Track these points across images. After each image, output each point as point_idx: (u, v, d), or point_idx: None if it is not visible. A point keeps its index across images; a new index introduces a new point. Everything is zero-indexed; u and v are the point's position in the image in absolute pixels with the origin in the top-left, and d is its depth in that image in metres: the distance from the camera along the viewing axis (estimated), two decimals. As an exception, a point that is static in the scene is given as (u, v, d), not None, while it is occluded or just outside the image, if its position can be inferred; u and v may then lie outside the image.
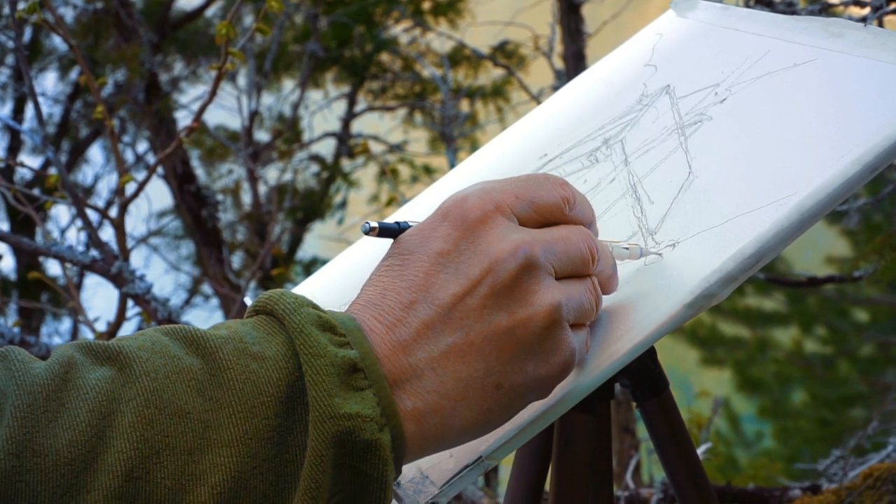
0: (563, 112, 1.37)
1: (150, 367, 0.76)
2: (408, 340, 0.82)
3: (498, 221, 0.86)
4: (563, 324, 0.86)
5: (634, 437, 4.72)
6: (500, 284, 0.84)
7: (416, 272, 0.85)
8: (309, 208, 8.86)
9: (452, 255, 0.85)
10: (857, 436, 3.25)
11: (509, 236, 0.85)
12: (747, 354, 10.59)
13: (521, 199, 0.89)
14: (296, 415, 0.77)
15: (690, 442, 1.18)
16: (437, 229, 0.87)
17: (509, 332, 0.83)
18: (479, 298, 0.83)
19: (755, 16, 1.29)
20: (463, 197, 0.88)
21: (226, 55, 2.01)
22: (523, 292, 0.84)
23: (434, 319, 0.83)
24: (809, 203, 0.94)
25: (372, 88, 9.64)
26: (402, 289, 0.84)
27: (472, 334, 0.83)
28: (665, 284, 0.96)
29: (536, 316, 0.84)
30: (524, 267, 0.84)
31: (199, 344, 0.78)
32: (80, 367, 0.75)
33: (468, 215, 0.86)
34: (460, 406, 0.82)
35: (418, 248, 0.86)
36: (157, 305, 2.13)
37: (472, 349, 0.83)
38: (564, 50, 4.90)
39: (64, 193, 2.21)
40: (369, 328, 0.82)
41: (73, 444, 0.71)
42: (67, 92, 9.49)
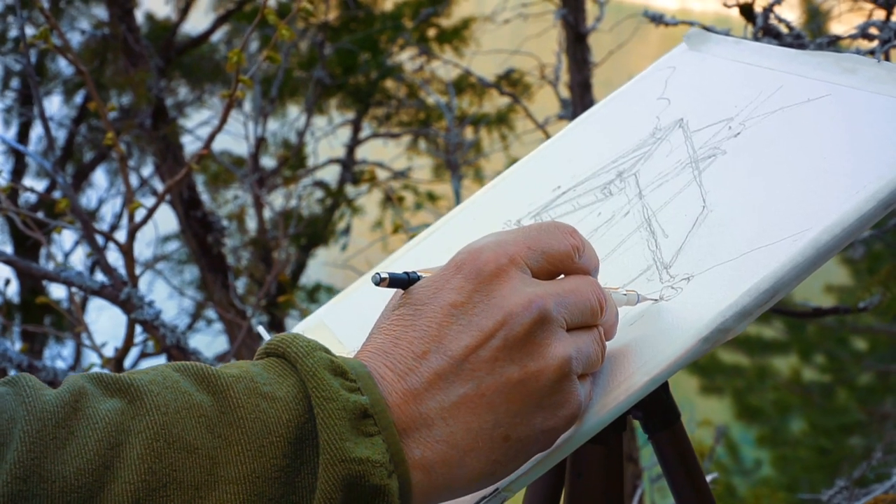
0: (576, 144, 1.38)
1: (161, 401, 0.76)
2: (419, 390, 0.82)
3: (512, 274, 0.87)
4: (572, 377, 0.87)
5: (637, 465, 4.71)
6: (513, 338, 0.84)
7: (430, 323, 0.85)
8: (313, 234, 8.87)
9: (466, 307, 0.85)
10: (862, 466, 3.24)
11: (523, 290, 0.86)
12: (746, 382, 10.58)
13: (534, 250, 0.90)
14: (304, 456, 0.77)
15: (702, 473, 1.18)
16: (450, 281, 0.87)
17: (520, 385, 0.84)
18: (492, 351, 0.84)
19: (768, 50, 1.29)
20: (477, 249, 0.89)
21: (237, 82, 2.01)
22: (535, 346, 0.85)
23: (446, 370, 0.83)
24: (825, 238, 0.94)
25: (377, 115, 9.65)
26: (414, 338, 0.85)
27: (483, 386, 0.83)
28: (680, 319, 0.97)
29: (548, 369, 0.85)
30: (537, 321, 0.85)
31: (210, 381, 0.79)
32: (91, 397, 0.76)
33: (483, 268, 0.87)
34: (468, 457, 0.83)
35: (431, 299, 0.87)
36: (166, 332, 2.14)
37: (483, 401, 0.83)
38: (571, 79, 4.91)
39: (73, 218, 2.21)
40: (380, 375, 0.83)
41: (80, 472, 0.71)
42: (72, 116, 9.50)
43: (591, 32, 4.85)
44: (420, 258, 1.33)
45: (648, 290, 1.04)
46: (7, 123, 9.75)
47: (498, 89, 6.77)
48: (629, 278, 1.08)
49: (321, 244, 9.25)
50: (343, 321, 1.31)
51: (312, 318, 1.35)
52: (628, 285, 1.06)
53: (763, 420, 10.46)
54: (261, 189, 7.07)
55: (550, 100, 5.58)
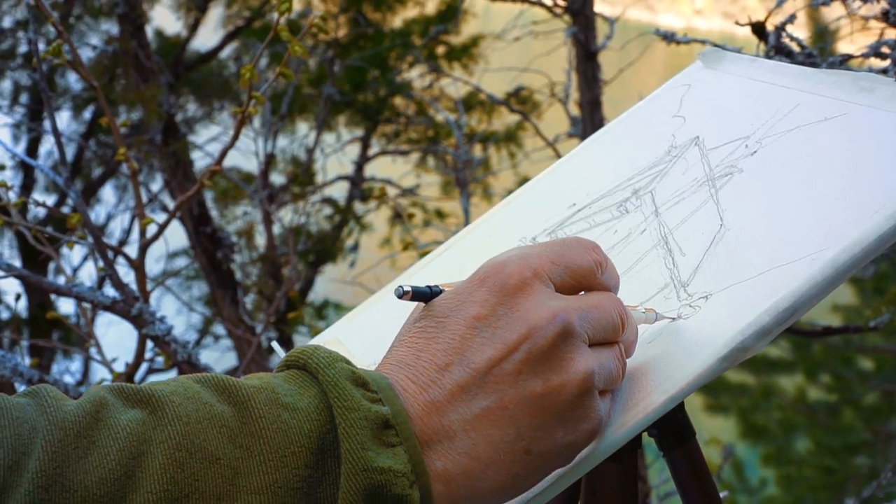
0: (592, 161, 1.38)
1: (182, 412, 0.76)
2: (441, 402, 0.83)
3: (536, 288, 0.87)
4: (594, 392, 0.87)
5: (646, 484, 4.70)
6: (536, 351, 0.84)
7: (452, 335, 0.85)
8: (321, 251, 8.87)
9: (490, 319, 0.85)
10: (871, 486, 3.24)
11: (547, 303, 0.86)
12: (752, 401, 10.55)
13: (557, 264, 0.90)
14: (326, 467, 0.77)
15: (716, 491, 1.18)
16: (474, 294, 0.88)
17: (543, 399, 0.84)
18: (515, 364, 0.84)
19: (783, 68, 1.29)
20: (502, 262, 0.89)
21: (249, 99, 2.01)
22: (559, 360, 0.85)
23: (469, 382, 0.83)
24: (844, 258, 0.94)
25: (385, 132, 9.66)
26: (437, 351, 0.85)
27: (505, 399, 0.83)
28: (699, 337, 0.96)
29: (570, 384, 0.85)
30: (561, 335, 0.85)
31: (231, 392, 0.79)
32: (112, 408, 0.76)
33: (507, 281, 0.87)
34: (490, 470, 0.83)
35: (454, 312, 0.87)
36: (177, 347, 2.13)
37: (506, 414, 0.83)
38: (580, 97, 4.91)
39: (84, 234, 2.21)
40: (402, 387, 0.83)
41: (102, 481, 0.71)
42: (80, 131, 9.52)
43: (602, 50, 4.85)
44: (435, 274, 1.33)
45: (666, 308, 1.04)
46: (16, 139, 9.76)
47: (507, 107, 6.77)
48: (646, 296, 1.07)
49: (329, 261, 9.24)
50: (357, 337, 1.31)
51: (326, 333, 1.35)
52: (646, 303, 1.06)
53: (768, 439, 10.44)
54: (270, 205, 7.08)
55: (560, 117, 5.58)
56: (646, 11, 23.16)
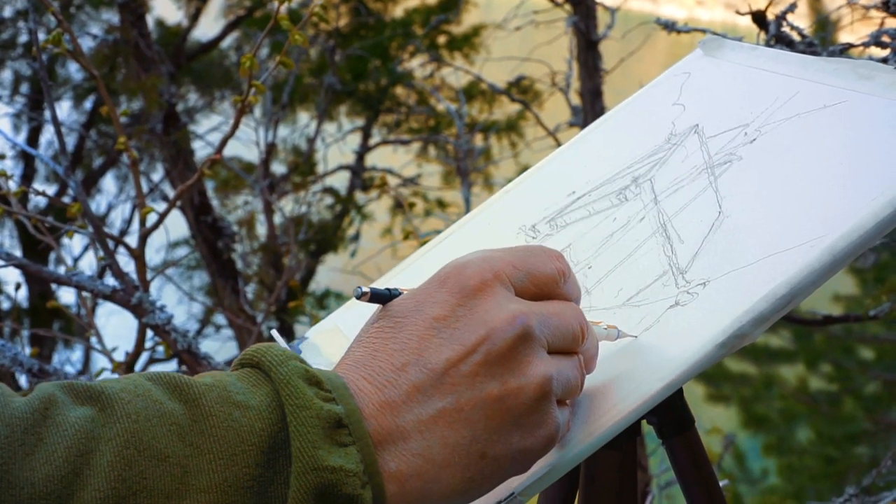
0: (591, 149, 1.37)
1: (132, 409, 0.75)
2: (396, 402, 0.82)
3: (496, 290, 0.87)
4: (551, 397, 0.86)
5: (646, 472, 4.70)
6: (494, 353, 0.84)
7: (410, 335, 0.85)
8: (322, 241, 8.87)
9: (448, 320, 0.85)
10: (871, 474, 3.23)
11: (507, 306, 0.86)
12: (753, 391, 10.56)
13: (519, 269, 0.89)
14: (277, 466, 0.77)
15: (716, 479, 1.18)
16: (433, 294, 0.87)
17: (499, 401, 0.83)
18: (473, 365, 0.83)
19: (783, 57, 1.29)
20: (462, 264, 0.88)
21: (249, 88, 2.01)
22: (517, 362, 0.84)
23: (425, 383, 0.82)
24: (842, 245, 0.94)
25: (387, 122, 9.66)
26: (394, 351, 0.84)
27: (462, 400, 0.82)
28: (697, 324, 0.96)
29: (528, 387, 0.84)
30: (520, 337, 0.85)
31: (182, 390, 0.78)
32: (61, 405, 0.75)
33: (467, 283, 0.86)
34: (444, 472, 0.82)
35: (413, 312, 0.86)
36: (177, 336, 2.13)
37: (462, 415, 0.82)
38: (581, 86, 4.91)
39: (84, 223, 2.21)
40: (357, 387, 0.82)
41: (49, 479, 0.70)
42: (81, 121, 9.53)
43: (603, 39, 4.85)
44: (434, 263, 1.32)
45: (664, 295, 1.04)
46: (17, 128, 9.77)
47: (508, 96, 6.77)
48: (645, 284, 1.07)
49: (331, 250, 9.25)
50: (357, 325, 1.30)
51: (326, 321, 1.34)
52: (644, 291, 1.06)
53: (769, 429, 10.45)
54: (271, 195, 7.08)
55: (561, 107, 5.58)
56: (647, 1, 23.11)
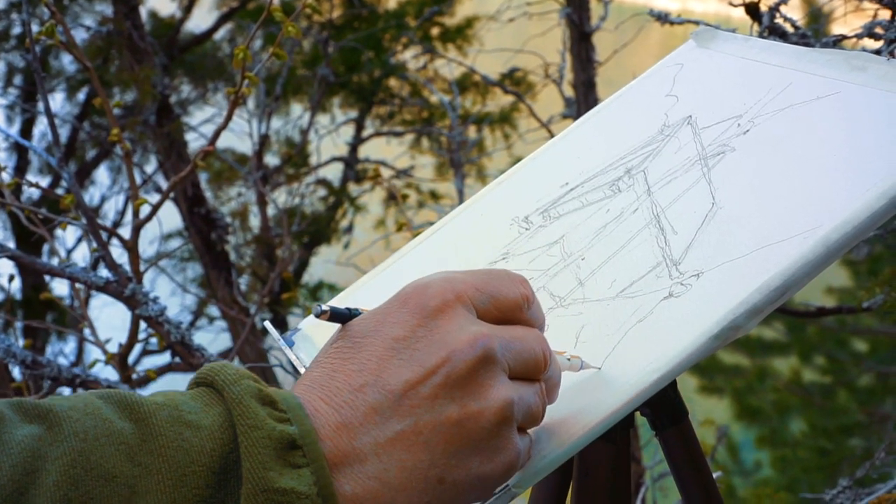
0: (584, 141, 1.37)
1: (80, 428, 0.74)
2: (354, 423, 0.80)
3: (457, 311, 0.85)
4: (512, 423, 0.84)
5: (640, 464, 4.71)
6: (455, 375, 0.82)
7: (369, 356, 0.83)
8: (316, 232, 8.86)
9: (409, 341, 0.83)
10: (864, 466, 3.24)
11: (468, 328, 0.84)
12: (746, 383, 10.56)
13: (482, 291, 0.88)
14: (228, 487, 0.75)
15: (709, 471, 1.19)
16: (393, 314, 0.85)
17: (459, 425, 0.82)
18: (432, 388, 0.81)
19: (777, 48, 1.29)
20: (424, 284, 0.87)
21: (242, 79, 2.01)
22: (477, 385, 0.83)
23: (383, 405, 0.81)
24: (835, 236, 0.95)
25: (380, 113, 9.65)
26: (352, 371, 0.83)
27: (420, 423, 0.81)
28: (690, 315, 0.97)
29: (488, 411, 0.82)
30: (481, 360, 0.83)
31: (132, 409, 0.76)
32: (8, 423, 0.74)
33: (428, 303, 0.85)
34: (400, 496, 0.80)
35: (373, 333, 0.85)
36: (170, 328, 2.13)
37: (420, 439, 0.81)
38: (575, 78, 4.91)
39: (78, 214, 2.21)
40: (314, 408, 0.80)
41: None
42: (74, 113, 9.51)
43: (596, 31, 4.85)
44: (427, 254, 1.33)
45: (658, 286, 1.04)
46: (10, 120, 9.76)
47: (502, 88, 6.76)
48: (638, 275, 1.08)
49: (324, 242, 9.24)
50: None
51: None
52: (637, 282, 1.06)
53: (763, 420, 10.45)
54: (264, 186, 7.07)
55: (554, 98, 5.57)
56: (640, -7, 23.07)
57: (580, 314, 1.08)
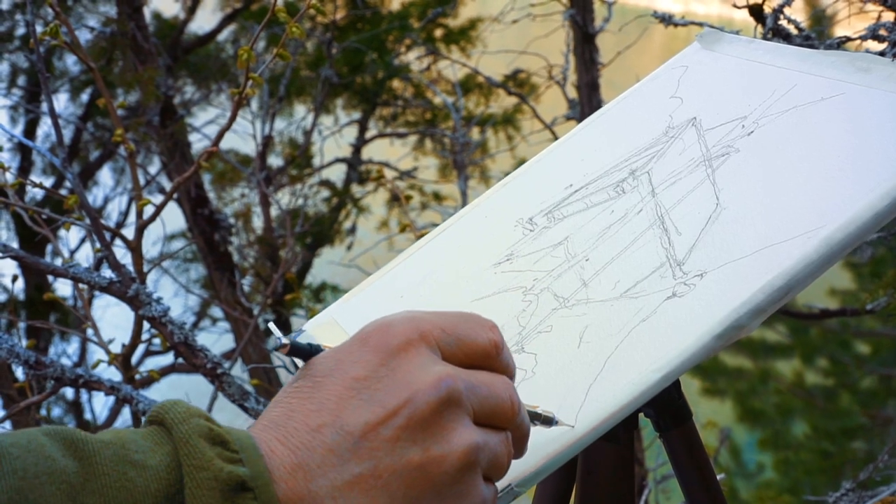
0: (589, 143, 1.37)
1: (20, 465, 0.70)
2: (310, 465, 0.76)
3: (421, 351, 0.82)
4: (476, 469, 0.81)
5: (642, 466, 4.71)
6: (417, 417, 0.78)
7: (328, 395, 0.80)
8: (319, 233, 8.86)
9: (369, 381, 0.80)
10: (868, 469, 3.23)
11: (432, 368, 0.81)
12: (749, 385, 10.56)
13: (449, 333, 0.84)
14: None
15: (713, 471, 1.19)
16: (354, 353, 0.82)
17: (420, 469, 0.78)
18: (393, 430, 0.78)
19: (781, 50, 1.29)
20: (387, 322, 0.84)
21: (246, 80, 2.01)
22: (440, 428, 0.79)
23: (341, 446, 0.77)
24: (839, 236, 0.95)
25: (383, 115, 9.65)
26: (310, 411, 0.79)
27: (380, 467, 0.77)
28: (694, 315, 0.97)
29: (452, 455, 0.79)
30: (445, 401, 0.79)
31: (77, 447, 0.73)
32: None
33: (391, 342, 0.81)
34: None
35: (332, 372, 0.81)
36: (174, 328, 2.13)
37: (379, 483, 0.77)
38: (578, 79, 4.91)
39: (81, 215, 2.21)
40: (269, 449, 0.77)
41: None
42: (78, 114, 9.51)
43: (600, 33, 4.85)
44: (432, 255, 1.33)
45: (661, 286, 1.04)
46: (14, 121, 9.76)
47: (505, 89, 6.77)
48: (642, 275, 1.08)
49: (327, 243, 9.24)
50: (353, 318, 1.30)
51: (323, 315, 1.34)
52: (641, 282, 1.06)
53: (765, 423, 10.44)
54: (268, 187, 7.07)
55: (558, 100, 5.58)
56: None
57: (584, 315, 1.08)
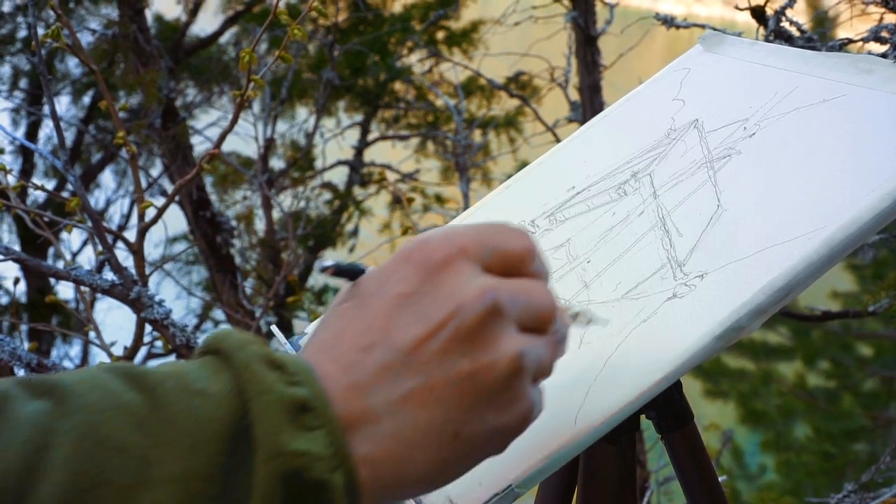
0: (591, 145, 1.38)
1: (88, 401, 0.72)
2: (364, 383, 0.78)
3: (462, 265, 0.83)
4: (524, 374, 0.82)
5: (644, 468, 4.71)
6: (464, 328, 0.80)
7: (376, 314, 0.81)
8: (321, 236, 8.86)
9: (415, 297, 0.81)
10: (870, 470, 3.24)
11: (474, 280, 0.82)
12: (751, 387, 10.56)
13: (485, 245, 0.86)
14: (241, 454, 0.73)
15: (714, 474, 1.19)
16: (397, 271, 0.83)
17: (471, 378, 0.79)
18: (442, 342, 0.79)
19: (783, 52, 1.30)
20: (425, 239, 0.85)
21: (248, 82, 2.01)
22: (487, 338, 0.80)
23: (393, 363, 0.79)
24: (839, 237, 0.95)
25: (385, 117, 9.66)
26: (359, 331, 0.81)
27: (432, 380, 0.79)
28: (694, 316, 0.97)
29: (500, 363, 0.80)
30: (490, 312, 0.80)
31: (139, 380, 0.75)
32: (14, 400, 0.72)
33: (431, 257, 0.83)
34: (417, 454, 0.78)
35: (378, 291, 0.83)
36: (176, 331, 2.13)
37: (432, 395, 0.78)
38: (580, 82, 4.92)
39: (83, 217, 2.21)
40: (323, 370, 0.78)
41: (4, 475, 0.67)
42: (80, 116, 9.52)
43: (602, 35, 4.86)
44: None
45: (662, 287, 1.04)
46: (15, 123, 9.77)
47: (507, 91, 6.77)
48: (643, 277, 1.08)
49: (329, 246, 9.23)
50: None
51: (325, 316, 1.35)
52: (642, 284, 1.06)
53: (767, 425, 10.44)
54: (270, 190, 7.08)
55: (560, 102, 5.58)
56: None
57: (585, 316, 1.08)
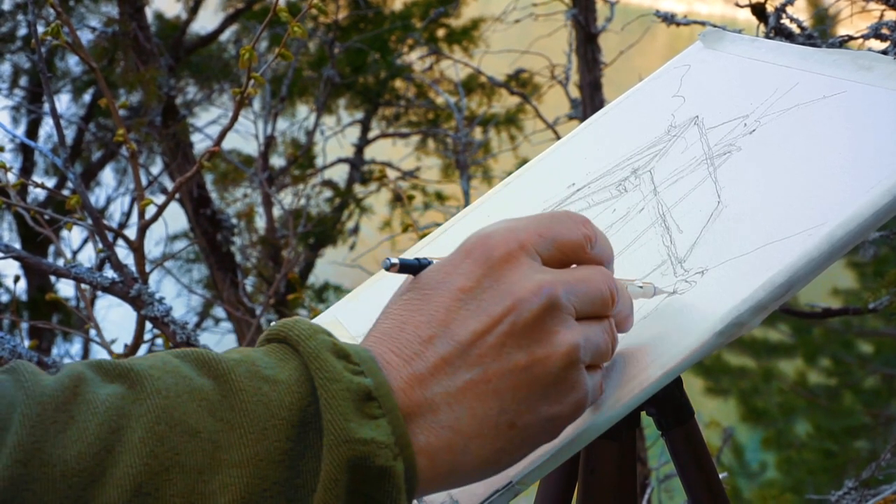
0: (591, 141, 1.38)
1: (161, 385, 0.75)
2: (424, 375, 0.82)
3: (522, 260, 0.86)
4: (579, 365, 0.85)
5: (645, 465, 4.71)
6: (521, 323, 0.83)
7: (437, 307, 0.85)
8: (321, 234, 8.86)
9: (475, 291, 0.85)
10: (870, 467, 3.23)
11: (532, 276, 0.85)
12: (752, 384, 10.56)
13: (545, 237, 0.89)
14: (308, 440, 0.76)
15: (715, 471, 1.19)
16: (459, 266, 0.87)
17: (526, 371, 0.83)
18: (499, 336, 0.83)
19: (783, 48, 1.29)
20: (487, 234, 0.88)
21: (248, 80, 2.01)
22: (543, 332, 0.84)
23: (452, 355, 0.82)
24: (840, 233, 0.95)
25: (386, 115, 9.66)
26: (421, 323, 0.84)
27: (489, 372, 0.82)
28: (695, 312, 0.96)
29: (555, 356, 0.84)
30: (546, 307, 0.84)
31: (211, 366, 0.78)
32: (90, 383, 0.75)
33: (492, 253, 0.86)
34: (473, 444, 0.82)
35: (440, 284, 0.86)
36: (176, 328, 2.13)
37: (489, 387, 0.82)
38: (581, 79, 4.92)
39: (83, 215, 2.21)
40: (385, 360, 0.82)
41: (81, 456, 0.70)
42: (80, 114, 9.52)
43: (602, 32, 4.85)
44: (433, 255, 1.33)
45: (662, 284, 1.04)
46: (16, 121, 9.77)
47: (508, 89, 6.77)
48: (643, 273, 1.08)
49: (330, 243, 9.24)
50: (357, 318, 1.30)
51: (326, 314, 1.34)
52: (644, 279, 1.06)
53: (768, 422, 10.45)
54: (270, 188, 7.07)
55: (560, 100, 5.59)
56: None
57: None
